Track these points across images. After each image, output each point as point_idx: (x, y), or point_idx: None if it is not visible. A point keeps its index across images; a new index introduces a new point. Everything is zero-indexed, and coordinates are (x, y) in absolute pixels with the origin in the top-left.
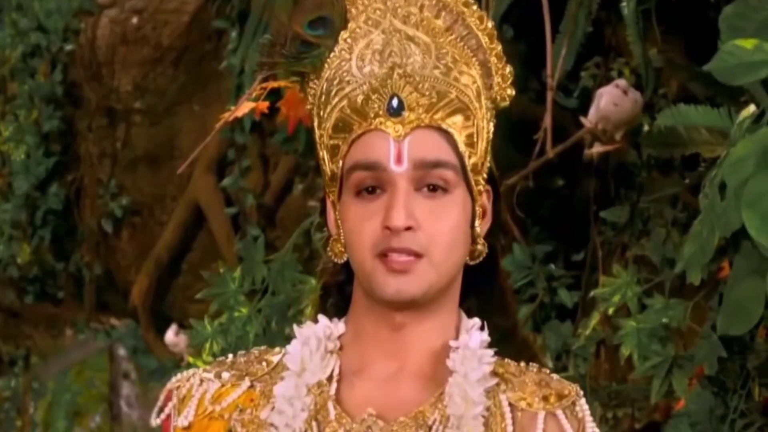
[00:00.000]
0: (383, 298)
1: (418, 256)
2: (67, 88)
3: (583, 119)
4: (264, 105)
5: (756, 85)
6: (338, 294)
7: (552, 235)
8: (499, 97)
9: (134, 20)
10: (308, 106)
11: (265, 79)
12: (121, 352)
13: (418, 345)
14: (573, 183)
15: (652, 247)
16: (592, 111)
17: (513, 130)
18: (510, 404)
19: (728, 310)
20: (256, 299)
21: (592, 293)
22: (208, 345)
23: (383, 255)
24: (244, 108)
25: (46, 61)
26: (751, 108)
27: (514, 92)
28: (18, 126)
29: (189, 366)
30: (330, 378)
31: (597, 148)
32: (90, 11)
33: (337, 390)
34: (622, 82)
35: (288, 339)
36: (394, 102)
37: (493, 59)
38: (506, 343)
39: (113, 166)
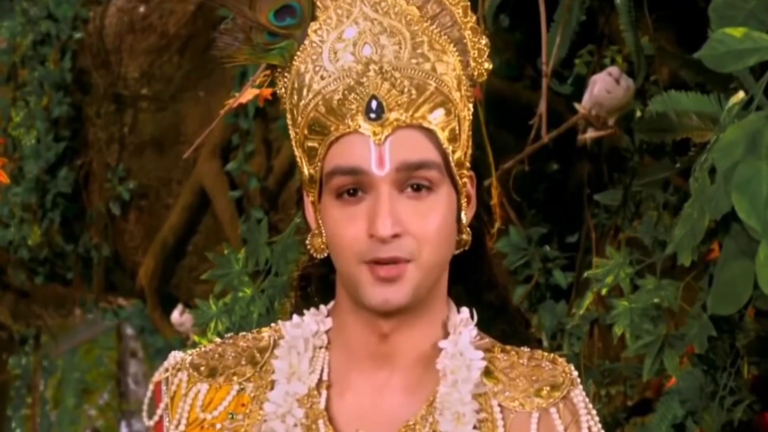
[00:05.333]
0: (372, 307)
1: (405, 261)
2: (76, 75)
3: (577, 105)
4: (267, 91)
5: (745, 72)
6: (322, 283)
7: (547, 217)
8: (476, 73)
9: (141, 9)
10: (279, 92)
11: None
12: (129, 331)
13: (407, 351)
14: (567, 167)
15: (644, 229)
16: (586, 97)
17: (509, 116)
18: (501, 407)
19: (718, 290)
20: (259, 280)
21: (585, 274)
22: (213, 324)
23: (371, 263)
24: (248, 94)
25: (56, 49)
26: (740, 94)
27: (491, 66)
28: (28, 112)
29: (195, 345)
30: (319, 384)
31: (590, 134)
32: (98, 0)
33: (327, 399)
34: (614, 69)
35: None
36: (373, 104)
37: (468, 33)
38: (499, 318)
39: (121, 151)
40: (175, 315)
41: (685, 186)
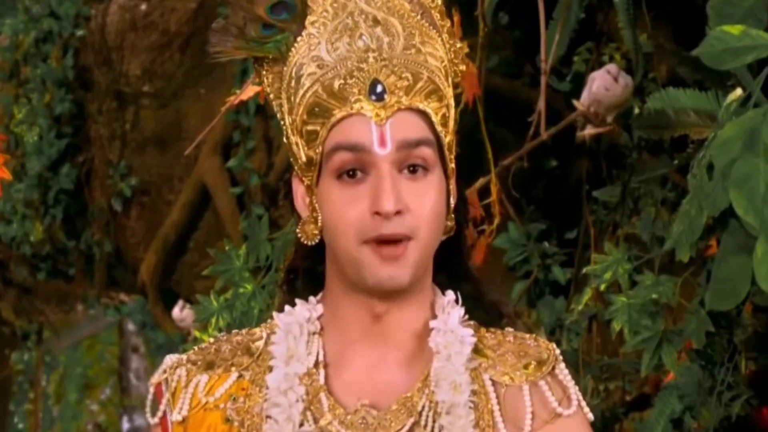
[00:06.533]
0: (375, 285)
1: (407, 239)
2: (78, 73)
3: (575, 102)
4: None
5: (742, 69)
6: (308, 275)
7: (546, 214)
8: (452, 74)
9: (143, 7)
10: (267, 91)
11: None
12: (131, 326)
13: (400, 329)
14: (566, 164)
15: (643, 225)
16: (585, 94)
17: (508, 113)
18: (493, 381)
19: (716, 286)
20: (260, 276)
21: (584, 270)
22: (213, 320)
23: (373, 242)
24: (248, 92)
25: (58, 47)
26: (738, 92)
27: (464, 68)
28: (31, 109)
29: (196, 341)
30: (317, 364)
31: (589, 130)
32: None
33: (326, 377)
34: (613, 66)
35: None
36: (378, 87)
37: (445, 36)
38: (477, 308)
39: (122, 148)
40: (176, 311)
41: (683, 183)
